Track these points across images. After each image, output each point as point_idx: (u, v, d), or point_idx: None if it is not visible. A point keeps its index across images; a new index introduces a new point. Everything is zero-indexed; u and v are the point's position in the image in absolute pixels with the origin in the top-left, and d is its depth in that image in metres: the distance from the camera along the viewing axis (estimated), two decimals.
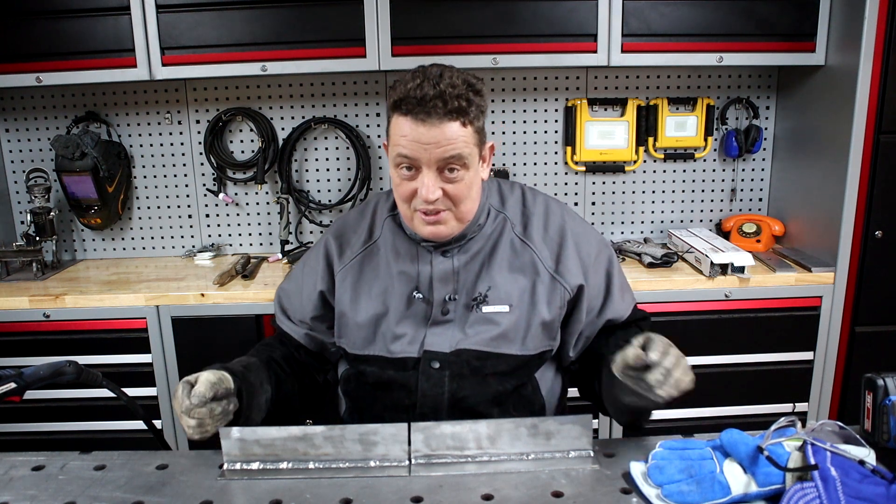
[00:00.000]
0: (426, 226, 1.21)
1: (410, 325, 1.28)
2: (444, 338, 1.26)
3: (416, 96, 1.11)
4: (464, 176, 1.17)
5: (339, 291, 1.33)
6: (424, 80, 1.13)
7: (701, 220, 2.61)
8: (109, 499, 0.96)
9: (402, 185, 1.19)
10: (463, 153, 1.15)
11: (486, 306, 1.26)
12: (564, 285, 1.29)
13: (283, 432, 1.03)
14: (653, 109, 2.47)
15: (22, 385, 1.09)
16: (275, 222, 2.58)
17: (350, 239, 1.36)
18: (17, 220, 2.56)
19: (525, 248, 1.30)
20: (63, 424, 2.15)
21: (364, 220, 1.38)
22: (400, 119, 1.14)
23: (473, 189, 1.21)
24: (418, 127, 1.12)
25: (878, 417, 1.00)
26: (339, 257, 1.35)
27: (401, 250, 1.31)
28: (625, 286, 1.38)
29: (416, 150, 1.14)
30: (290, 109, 2.49)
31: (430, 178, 1.15)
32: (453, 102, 1.12)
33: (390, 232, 1.34)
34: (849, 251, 2.10)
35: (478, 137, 1.19)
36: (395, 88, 1.16)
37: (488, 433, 1.03)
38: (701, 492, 0.89)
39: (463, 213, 1.22)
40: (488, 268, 1.28)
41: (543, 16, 2.09)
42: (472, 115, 1.15)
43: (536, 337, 1.28)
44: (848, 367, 2.19)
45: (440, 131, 1.12)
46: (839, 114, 2.07)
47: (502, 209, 1.34)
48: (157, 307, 2.08)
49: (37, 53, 2.12)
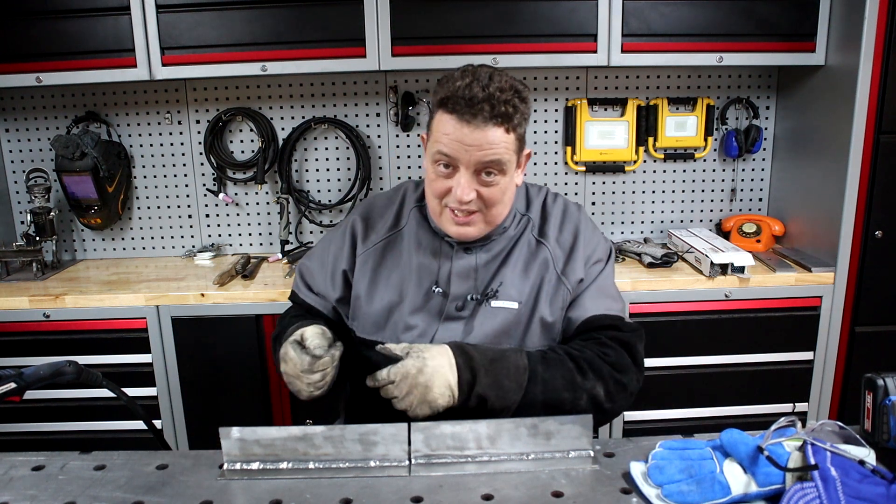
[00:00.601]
0: (454, 225, 1.22)
1: (424, 317, 1.28)
2: (453, 333, 1.27)
3: (465, 96, 1.11)
4: (499, 181, 1.18)
5: (358, 273, 1.33)
6: (474, 80, 1.13)
7: (701, 220, 2.61)
8: (109, 499, 0.96)
9: (437, 182, 1.20)
10: (503, 159, 1.15)
11: (495, 301, 1.27)
12: (567, 286, 1.29)
13: (282, 432, 1.03)
14: (653, 109, 2.47)
15: (22, 385, 1.09)
16: (275, 222, 2.58)
17: (376, 223, 1.37)
18: (17, 220, 2.56)
19: (540, 246, 1.31)
20: (63, 424, 2.15)
21: (392, 206, 1.38)
22: (445, 116, 1.14)
23: (507, 194, 1.22)
24: (462, 127, 1.12)
25: (878, 417, 1.00)
26: (363, 240, 1.35)
27: (423, 242, 1.32)
28: (604, 293, 1.31)
29: (456, 150, 1.14)
30: (290, 109, 2.49)
31: (466, 178, 1.16)
32: (500, 107, 1.12)
33: (415, 222, 1.34)
34: (849, 251, 2.10)
35: (518, 144, 1.19)
36: (442, 85, 1.16)
37: (488, 433, 1.03)
38: (701, 492, 0.89)
39: (493, 217, 1.23)
40: (504, 265, 1.29)
41: (543, 16, 2.10)
42: (516, 122, 1.15)
43: (535, 335, 1.28)
44: (848, 367, 2.19)
45: (483, 135, 1.12)
46: (839, 114, 2.07)
47: (527, 212, 1.35)
48: (157, 307, 2.08)
49: (37, 53, 2.12)
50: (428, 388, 1.08)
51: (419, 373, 1.08)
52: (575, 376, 1.16)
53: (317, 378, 1.09)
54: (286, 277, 2.23)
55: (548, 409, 1.14)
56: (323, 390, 1.12)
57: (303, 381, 1.10)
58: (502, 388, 1.12)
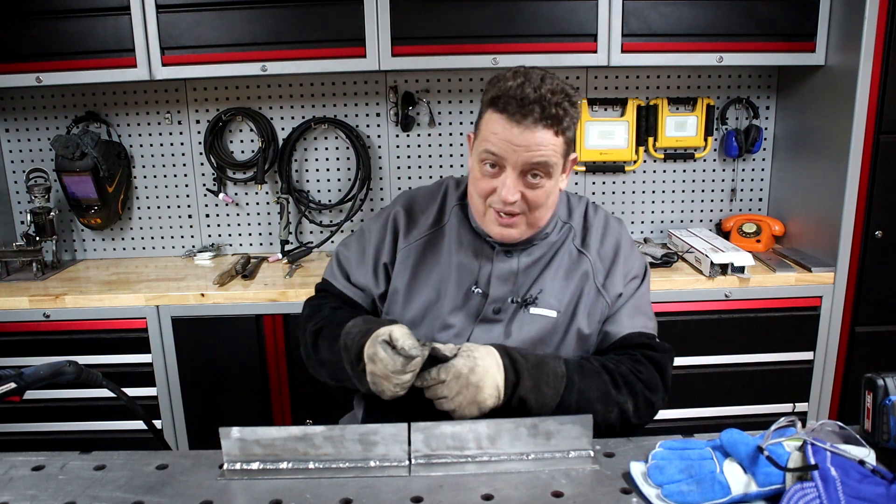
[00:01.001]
0: (497, 226, 1.22)
1: (461, 317, 1.28)
2: (489, 335, 1.26)
3: (516, 96, 1.11)
4: (545, 184, 1.18)
5: (398, 268, 1.32)
6: (525, 81, 1.13)
7: (701, 220, 2.61)
8: (109, 499, 0.96)
9: (482, 181, 1.19)
10: (550, 161, 1.15)
11: (534, 308, 1.27)
12: (606, 299, 1.29)
13: (282, 432, 1.03)
14: (653, 109, 2.47)
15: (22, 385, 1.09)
16: (275, 222, 2.58)
17: (418, 218, 1.35)
18: (17, 220, 2.56)
19: (581, 257, 1.31)
20: (63, 424, 2.15)
21: (434, 202, 1.37)
22: (494, 115, 1.14)
23: (551, 197, 1.22)
24: (512, 127, 1.12)
25: (878, 417, 1.00)
26: (405, 234, 1.34)
27: (465, 242, 1.31)
28: (640, 311, 1.33)
29: (504, 150, 1.14)
30: (290, 109, 2.49)
31: (512, 179, 1.15)
32: (551, 109, 1.11)
33: (457, 220, 1.33)
34: (849, 251, 2.10)
35: (566, 148, 1.18)
36: (493, 84, 1.16)
37: (488, 433, 1.03)
38: (701, 492, 0.89)
39: (536, 220, 1.22)
40: (545, 272, 1.29)
41: (543, 16, 2.09)
42: (566, 125, 1.15)
43: (570, 345, 1.28)
44: (848, 367, 2.19)
45: (532, 136, 1.12)
46: (839, 114, 2.07)
47: (569, 220, 1.35)
48: (157, 307, 2.08)
49: (37, 53, 2.12)
50: (479, 388, 1.07)
51: (471, 373, 1.07)
52: (609, 389, 1.18)
53: (407, 378, 1.07)
54: (286, 277, 2.23)
55: None
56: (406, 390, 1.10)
57: (391, 381, 1.07)
58: (542, 393, 1.12)
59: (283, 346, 2.11)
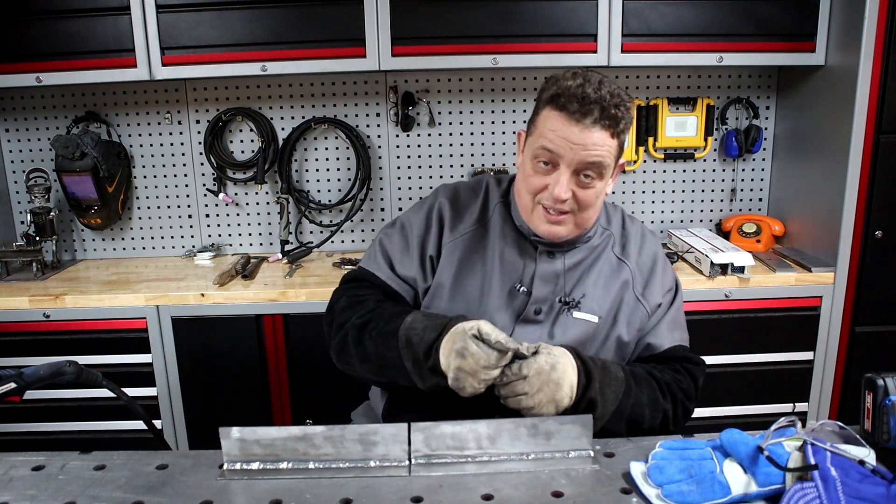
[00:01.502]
0: (545, 223, 1.22)
1: (503, 316, 1.28)
2: (530, 336, 1.26)
3: (577, 95, 1.12)
4: (596, 184, 1.19)
5: (444, 262, 1.31)
6: (585, 82, 1.14)
7: (701, 220, 2.61)
8: (109, 499, 0.96)
9: (534, 178, 1.20)
10: (604, 162, 1.16)
11: (577, 312, 1.27)
12: (646, 308, 1.31)
13: (283, 432, 1.03)
14: (653, 109, 2.47)
15: (22, 385, 1.09)
16: (275, 222, 2.58)
17: (463, 213, 1.34)
18: (17, 220, 2.56)
19: (622, 266, 1.32)
20: (63, 424, 2.15)
21: (477, 198, 1.37)
22: (553, 113, 1.15)
23: (599, 199, 1.23)
24: (571, 126, 1.13)
25: (878, 417, 1.00)
26: (451, 228, 1.33)
27: (508, 240, 1.31)
28: (678, 324, 1.37)
29: (561, 147, 1.14)
30: (290, 109, 2.49)
31: (565, 177, 1.16)
32: (610, 111, 1.13)
33: (500, 217, 1.33)
34: (849, 251, 2.10)
35: (619, 151, 1.20)
36: (552, 83, 1.17)
37: (488, 433, 1.03)
38: (701, 492, 0.89)
39: (584, 220, 1.23)
40: (587, 276, 1.30)
41: (543, 16, 2.10)
42: (622, 128, 1.16)
43: (609, 352, 1.29)
44: (848, 367, 2.19)
45: (591, 135, 1.13)
46: (839, 114, 2.07)
47: (608, 227, 1.36)
48: (157, 307, 2.08)
49: (37, 53, 2.12)
50: (559, 386, 1.08)
51: (552, 370, 1.08)
52: (658, 395, 1.23)
53: (495, 374, 1.06)
54: (286, 277, 2.23)
55: (630, 422, 1.18)
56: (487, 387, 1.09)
57: (479, 376, 1.06)
58: (605, 397, 1.14)
59: (283, 346, 2.11)
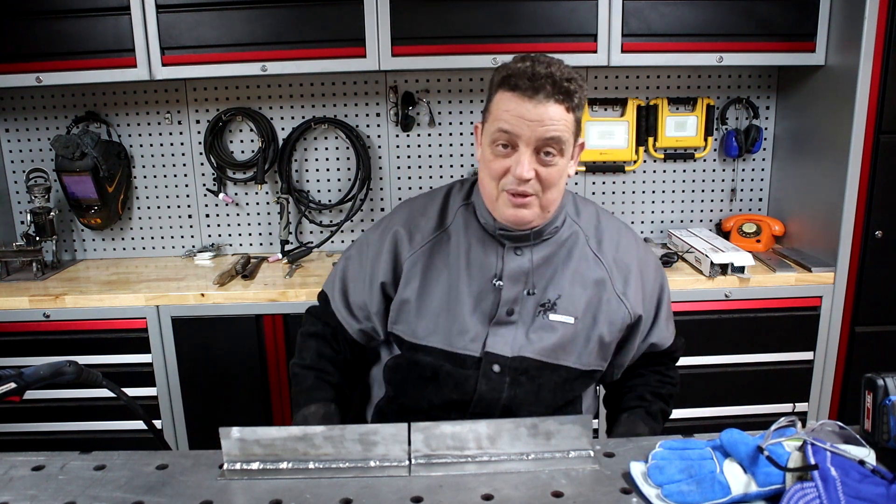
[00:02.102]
0: (511, 207, 1.20)
1: (476, 321, 1.26)
2: (505, 340, 1.25)
3: (528, 73, 1.13)
4: (558, 161, 1.17)
5: (406, 277, 1.30)
6: (534, 62, 1.15)
7: (701, 220, 2.61)
8: (109, 499, 0.96)
9: (495, 162, 1.19)
10: (563, 137, 1.15)
11: (553, 314, 1.26)
12: (629, 309, 1.29)
13: (283, 432, 1.03)
14: (653, 109, 2.47)
15: (22, 385, 1.09)
16: (275, 222, 2.58)
17: (419, 223, 1.33)
18: (17, 220, 2.56)
19: (598, 263, 1.30)
20: (63, 424, 2.15)
21: (434, 205, 1.35)
22: (506, 94, 1.15)
23: (562, 179, 1.21)
24: (525, 103, 1.13)
25: (878, 417, 1.00)
26: (409, 243, 1.31)
27: (473, 241, 1.29)
28: (670, 315, 1.39)
29: (518, 126, 1.14)
30: (290, 109, 2.49)
31: (526, 156, 1.15)
32: (562, 84, 1.13)
33: (463, 221, 1.31)
34: (849, 251, 2.10)
35: (576, 127, 1.19)
36: (501, 68, 1.18)
37: (488, 433, 1.03)
38: (701, 492, 0.89)
39: (548, 202, 1.21)
40: (560, 275, 1.27)
41: (543, 16, 2.09)
42: (576, 102, 1.16)
43: (592, 353, 1.28)
44: (848, 367, 2.19)
45: (545, 110, 1.13)
46: (839, 114, 2.07)
47: (577, 220, 1.33)
48: (157, 307, 2.08)
49: (37, 53, 2.12)
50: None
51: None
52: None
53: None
54: (286, 277, 2.23)
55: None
56: None
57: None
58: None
59: (283, 346, 2.11)
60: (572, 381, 1.29)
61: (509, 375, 1.25)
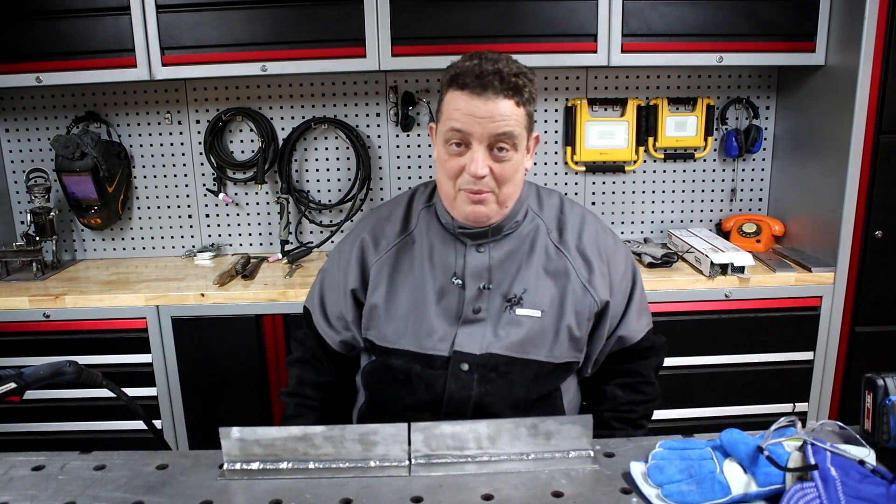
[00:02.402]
0: (469, 204, 1.20)
1: (443, 321, 1.27)
2: (474, 338, 1.25)
3: (475, 71, 1.14)
4: (512, 157, 1.18)
5: (374, 283, 1.31)
6: (482, 59, 1.16)
7: (701, 220, 2.61)
8: (109, 499, 0.96)
9: (450, 162, 1.19)
10: (515, 132, 1.15)
11: (519, 308, 1.26)
12: (595, 297, 1.28)
13: (283, 432, 1.03)
14: (653, 109, 2.47)
15: (22, 385, 1.09)
16: (275, 222, 2.58)
17: (385, 229, 1.35)
18: (17, 220, 2.56)
19: (560, 255, 1.29)
20: (63, 424, 2.15)
21: (398, 210, 1.37)
22: (456, 93, 1.16)
23: (518, 173, 1.22)
24: (474, 100, 1.14)
25: (878, 417, 1.00)
26: (374, 249, 1.33)
27: (435, 242, 1.30)
28: (643, 308, 1.38)
29: (469, 124, 1.14)
30: (290, 109, 2.49)
31: (480, 153, 1.16)
32: (510, 79, 1.13)
33: (426, 223, 1.33)
34: (849, 251, 2.10)
35: (528, 121, 1.20)
36: (450, 68, 1.20)
37: (488, 433, 1.03)
38: (701, 492, 0.89)
39: (505, 197, 1.21)
40: (525, 270, 1.27)
41: (543, 16, 2.09)
42: (526, 97, 1.17)
43: (563, 346, 1.28)
44: (848, 367, 2.19)
45: (495, 106, 1.13)
46: (839, 114, 2.07)
47: (539, 213, 1.33)
48: (157, 307, 2.08)
49: (37, 53, 2.12)
50: None
51: None
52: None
53: None
54: (286, 277, 2.23)
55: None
56: None
57: None
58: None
59: (283, 346, 2.11)
60: (545, 375, 1.29)
61: (478, 373, 1.25)
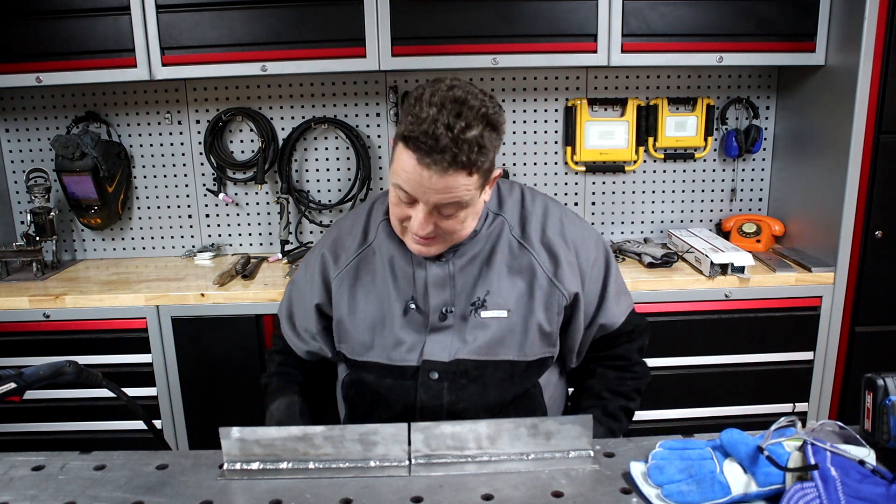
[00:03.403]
0: (416, 244, 1.19)
1: (410, 331, 1.26)
2: (442, 346, 1.24)
3: (430, 134, 1.02)
4: (459, 214, 1.13)
5: (336, 297, 1.30)
6: (440, 114, 1.02)
7: (701, 220, 2.61)
8: (109, 499, 0.96)
9: (397, 208, 1.16)
10: (463, 200, 1.10)
11: (484, 311, 1.24)
12: (562, 291, 1.25)
13: (283, 432, 1.03)
14: (653, 109, 2.47)
15: (22, 385, 1.09)
16: (275, 222, 2.58)
17: (345, 243, 1.34)
18: (17, 220, 2.56)
19: (523, 250, 1.27)
20: (63, 424, 2.15)
21: (358, 223, 1.35)
22: (405, 153, 1.06)
23: (469, 220, 1.17)
24: (422, 170, 1.05)
25: (878, 417, 1.00)
26: (334, 263, 1.32)
27: (395, 254, 1.28)
28: (621, 291, 1.35)
29: (415, 189, 1.09)
30: (290, 109, 2.49)
31: (424, 214, 1.11)
32: (463, 155, 1.03)
33: (385, 235, 1.30)
34: (849, 251, 2.10)
35: (483, 179, 1.12)
36: (407, 112, 1.07)
37: (488, 433, 1.03)
38: (701, 492, 0.89)
39: (455, 239, 1.20)
40: (487, 271, 1.25)
41: (543, 16, 2.09)
42: (481, 164, 1.08)
43: (535, 343, 1.26)
44: (848, 367, 2.19)
45: (444, 181, 1.06)
46: (839, 114, 2.07)
47: (500, 211, 1.29)
48: (157, 307, 2.08)
49: (37, 53, 2.12)
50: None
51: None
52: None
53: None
54: (286, 277, 2.23)
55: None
56: None
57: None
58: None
59: None
60: (519, 374, 1.27)
61: (447, 380, 1.23)
